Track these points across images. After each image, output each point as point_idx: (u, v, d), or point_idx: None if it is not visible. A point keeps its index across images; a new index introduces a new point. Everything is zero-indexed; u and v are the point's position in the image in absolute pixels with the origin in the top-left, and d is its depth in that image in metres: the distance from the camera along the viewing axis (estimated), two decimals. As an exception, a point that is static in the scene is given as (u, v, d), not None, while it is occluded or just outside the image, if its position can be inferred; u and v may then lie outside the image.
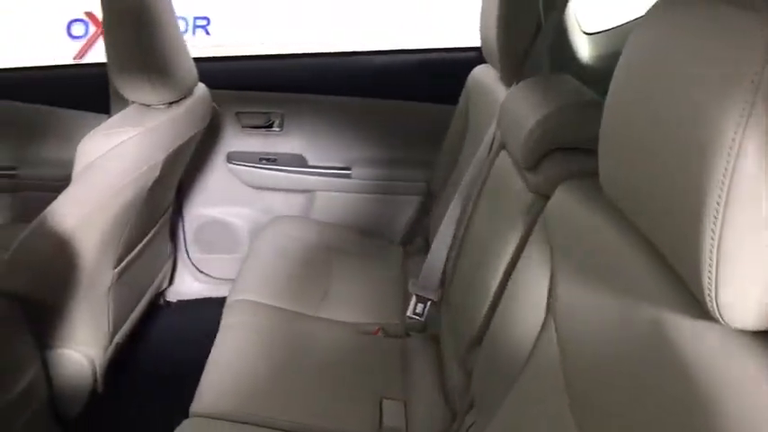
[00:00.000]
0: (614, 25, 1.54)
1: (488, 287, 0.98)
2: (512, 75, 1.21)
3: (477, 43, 1.46)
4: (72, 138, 1.15)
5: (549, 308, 0.78)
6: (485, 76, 1.44)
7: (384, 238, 1.78)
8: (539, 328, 0.79)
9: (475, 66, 1.53)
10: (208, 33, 4.80)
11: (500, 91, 1.26)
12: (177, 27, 1.24)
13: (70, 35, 3.94)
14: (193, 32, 4.82)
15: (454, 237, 1.32)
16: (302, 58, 1.82)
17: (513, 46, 1.19)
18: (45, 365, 1.24)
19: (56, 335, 1.25)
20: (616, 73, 0.59)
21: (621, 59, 0.58)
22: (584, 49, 1.55)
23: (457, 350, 1.13)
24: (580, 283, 0.71)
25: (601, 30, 1.56)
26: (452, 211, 1.34)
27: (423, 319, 1.37)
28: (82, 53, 3.08)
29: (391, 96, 1.72)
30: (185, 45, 1.28)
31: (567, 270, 0.74)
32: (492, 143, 1.23)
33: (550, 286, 0.78)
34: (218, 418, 1.07)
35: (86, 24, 4.18)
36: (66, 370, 1.28)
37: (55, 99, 1.74)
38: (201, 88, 1.40)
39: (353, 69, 1.77)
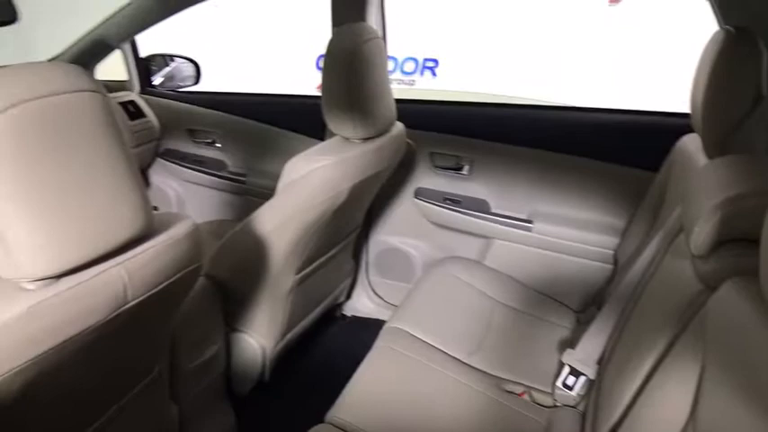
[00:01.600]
0: None
1: (635, 375, 0.90)
2: (714, 148, 1.10)
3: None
4: (290, 157, 1.34)
5: (692, 412, 0.70)
6: (692, 146, 1.32)
7: (556, 301, 1.71)
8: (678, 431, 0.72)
9: (685, 134, 1.41)
10: (434, 75, 5.11)
11: (703, 164, 1.15)
12: (385, 71, 1.38)
13: (318, 67, 4.55)
14: (421, 73, 5.17)
15: (622, 313, 1.23)
16: (498, 107, 1.86)
17: (719, 116, 1.08)
18: (227, 344, 1.45)
19: (239, 320, 1.46)
20: None
21: None
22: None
23: None
24: (728, 394, 0.63)
25: None
26: (626, 287, 1.25)
27: (573, 392, 1.29)
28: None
29: (587, 155, 1.65)
30: (389, 88, 1.41)
31: (716, 375, 0.67)
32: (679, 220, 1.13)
33: (697, 388, 0.70)
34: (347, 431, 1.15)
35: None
36: (242, 352, 1.48)
37: (285, 122, 2.05)
38: (398, 127, 1.52)
39: (550, 123, 1.75)
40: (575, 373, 1.29)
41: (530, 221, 1.74)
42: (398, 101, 1.51)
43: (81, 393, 0.89)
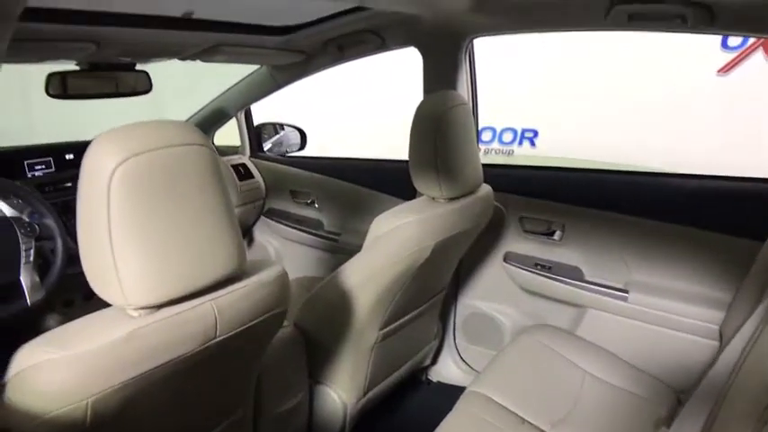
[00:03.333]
0: None
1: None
2: None
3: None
4: None
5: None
6: None
7: (654, 377, 1.59)
8: None
9: None
10: (533, 145, 5.10)
11: None
12: (472, 135, 1.43)
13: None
14: (520, 143, 5.19)
15: (720, 391, 1.13)
16: (591, 172, 1.83)
17: None
18: (310, 396, 1.49)
19: (323, 373, 1.50)
20: None
21: None
22: None
23: None
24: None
25: None
26: (724, 362, 1.15)
27: (667, 476, 1.19)
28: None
29: (687, 222, 1.57)
30: (476, 151, 1.46)
31: None
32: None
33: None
34: None
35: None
36: (324, 405, 1.50)
37: (378, 184, 2.14)
38: (485, 189, 1.54)
39: (647, 189, 1.68)
40: (670, 455, 1.19)
41: (626, 291, 1.66)
42: (487, 165, 1.54)
43: (168, 423, 0.95)
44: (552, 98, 4.57)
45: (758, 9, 1.11)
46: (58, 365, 0.70)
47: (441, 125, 1.33)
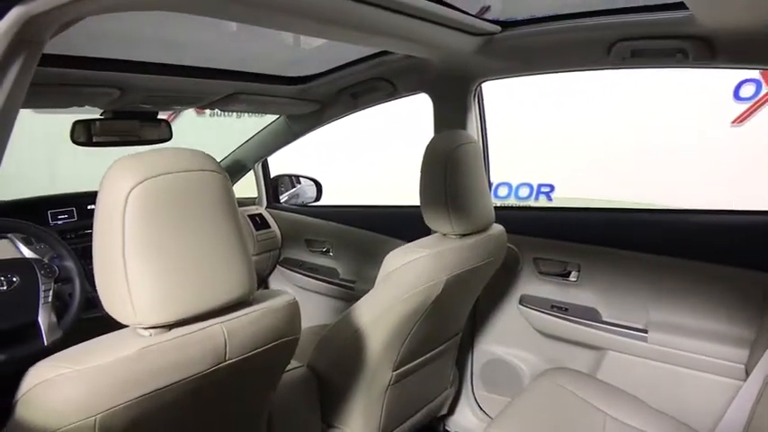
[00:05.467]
0: None
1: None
2: None
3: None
4: None
5: None
6: None
7: (678, 420, 1.52)
8: None
9: None
10: (550, 200, 5.08)
11: None
12: (481, 173, 1.45)
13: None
14: (536, 197, 5.18)
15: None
16: (605, 211, 1.82)
17: None
18: (323, 440, 1.45)
19: (335, 415, 1.46)
20: None
21: None
22: None
23: None
24: None
25: None
26: (743, 402, 1.10)
27: None
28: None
29: (705, 258, 1.54)
30: (486, 189, 1.48)
31: None
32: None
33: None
34: None
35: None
36: (338, 450, 1.46)
37: (393, 230, 2.15)
38: (496, 228, 1.55)
39: (664, 226, 1.67)
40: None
41: (645, 331, 1.62)
42: (499, 208, 1.54)
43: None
44: (569, 152, 4.62)
45: (757, 40, 1.14)
46: (69, 380, 0.70)
47: (450, 162, 1.35)
